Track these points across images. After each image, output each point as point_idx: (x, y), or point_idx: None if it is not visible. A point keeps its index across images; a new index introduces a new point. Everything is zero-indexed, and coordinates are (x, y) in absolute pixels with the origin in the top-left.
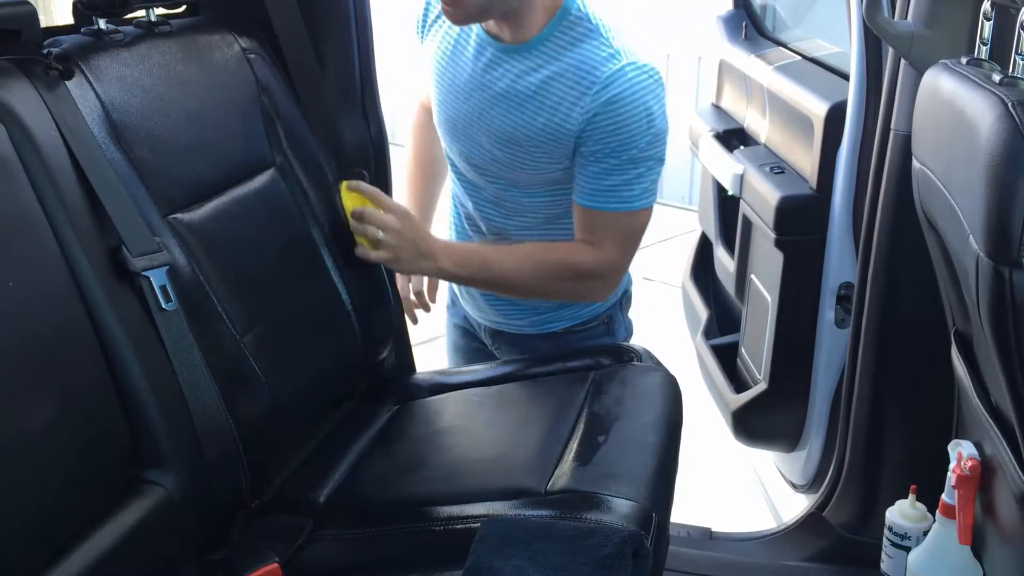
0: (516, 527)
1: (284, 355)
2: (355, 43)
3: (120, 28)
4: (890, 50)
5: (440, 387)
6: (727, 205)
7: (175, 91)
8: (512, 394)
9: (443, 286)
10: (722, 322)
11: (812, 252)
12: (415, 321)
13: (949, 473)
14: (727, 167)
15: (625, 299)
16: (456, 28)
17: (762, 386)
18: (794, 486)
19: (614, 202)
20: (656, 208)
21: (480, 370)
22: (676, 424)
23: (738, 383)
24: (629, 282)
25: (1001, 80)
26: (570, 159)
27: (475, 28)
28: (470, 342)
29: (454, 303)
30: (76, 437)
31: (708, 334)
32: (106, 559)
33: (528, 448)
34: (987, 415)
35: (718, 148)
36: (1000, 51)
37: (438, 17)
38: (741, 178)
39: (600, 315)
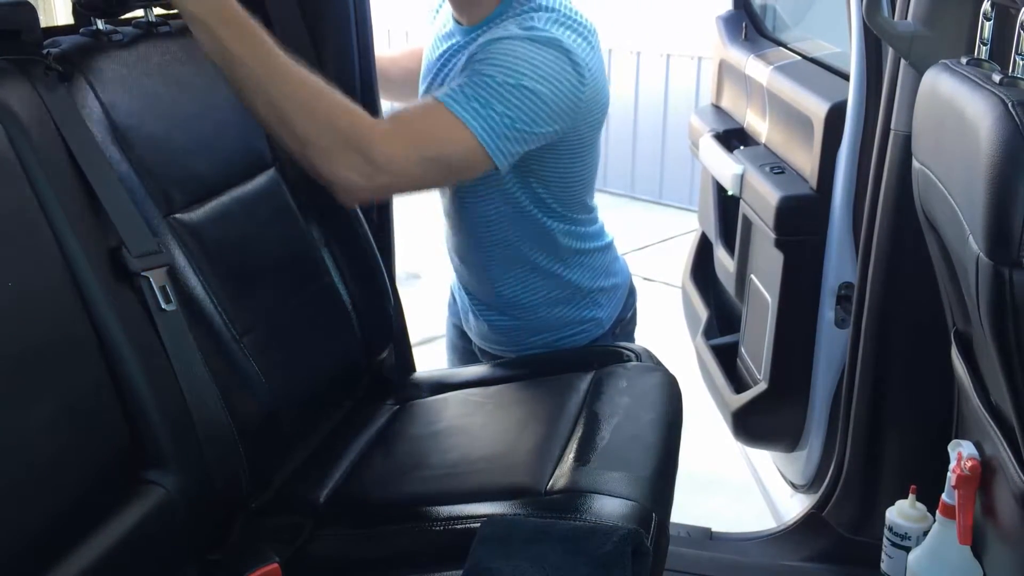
0: (516, 527)
1: (284, 355)
2: (355, 43)
3: (119, 28)
4: (890, 50)
5: (440, 387)
6: (727, 205)
7: (174, 91)
8: (512, 394)
9: (445, 286)
10: (722, 322)
11: (812, 252)
12: None
13: (949, 473)
14: (727, 167)
15: (621, 328)
16: (446, 15)
17: (762, 386)
18: (794, 486)
19: (444, 95)
20: (656, 208)
21: (480, 370)
22: (676, 424)
23: (738, 383)
24: (629, 309)
25: (1001, 80)
26: None
27: (452, 14)
28: (467, 343)
29: (454, 302)
30: (76, 437)
31: (708, 334)
32: (106, 559)
33: (528, 448)
34: (987, 415)
35: (718, 148)
36: (1000, 51)
37: (442, 4)
38: (741, 178)
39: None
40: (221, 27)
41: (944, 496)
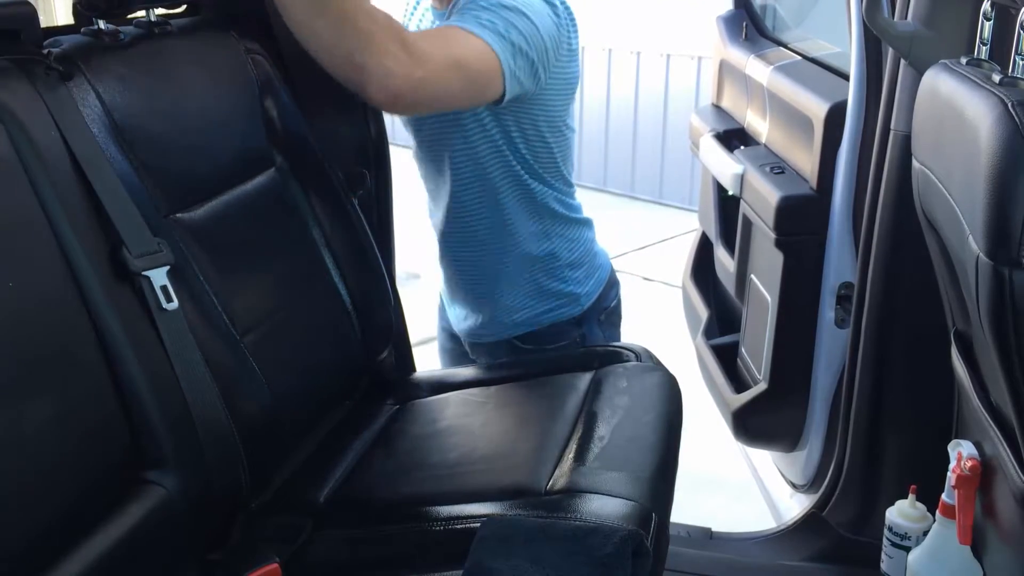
0: (516, 527)
1: (284, 355)
2: None
3: (120, 28)
4: (890, 50)
5: (440, 387)
6: (727, 205)
7: (175, 91)
8: (512, 394)
9: (436, 291)
10: (722, 322)
11: (812, 252)
12: None
13: (949, 473)
14: (727, 167)
15: (606, 316)
16: (423, 12)
17: (762, 386)
18: (794, 486)
19: (458, 19)
20: (656, 208)
21: (480, 370)
22: (676, 424)
23: (738, 383)
24: (613, 299)
25: (1001, 80)
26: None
27: (429, 7)
28: (457, 345)
29: (443, 306)
30: (76, 437)
31: (708, 334)
32: (106, 559)
33: (528, 448)
34: (987, 415)
35: (718, 148)
36: (1000, 51)
37: (417, 3)
38: (741, 178)
39: (563, 324)
40: None
41: (944, 496)
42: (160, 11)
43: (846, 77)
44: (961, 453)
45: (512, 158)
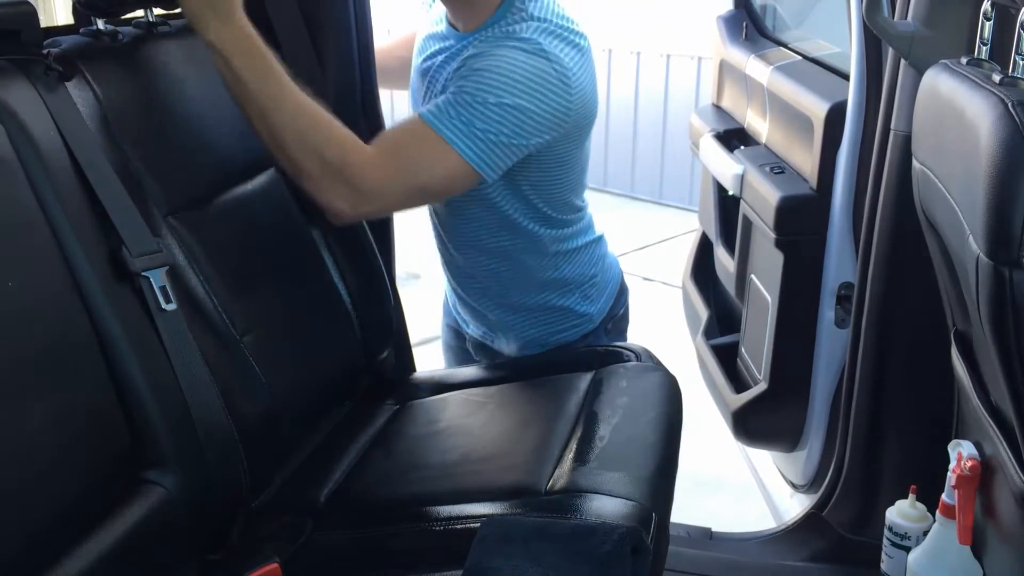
0: (515, 527)
1: (284, 355)
2: (355, 43)
3: (119, 28)
4: (890, 50)
5: (440, 387)
6: (727, 205)
7: (175, 91)
8: (512, 394)
9: (442, 289)
10: (722, 322)
11: (812, 252)
12: None
13: (949, 473)
14: (727, 167)
15: (613, 324)
16: (440, 12)
17: (762, 386)
18: (794, 486)
19: (427, 112)
20: (656, 208)
21: (480, 370)
22: (676, 424)
23: (738, 383)
24: (622, 306)
25: (1001, 80)
26: None
27: (446, 16)
28: (461, 343)
29: (448, 303)
30: (76, 437)
31: (708, 334)
32: (106, 559)
33: (528, 448)
34: (987, 415)
35: (718, 148)
36: (1000, 51)
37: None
38: (741, 178)
39: (574, 343)
40: (237, 57)
41: (944, 496)
42: (159, 11)
43: (846, 77)
44: (961, 453)
45: (512, 209)
